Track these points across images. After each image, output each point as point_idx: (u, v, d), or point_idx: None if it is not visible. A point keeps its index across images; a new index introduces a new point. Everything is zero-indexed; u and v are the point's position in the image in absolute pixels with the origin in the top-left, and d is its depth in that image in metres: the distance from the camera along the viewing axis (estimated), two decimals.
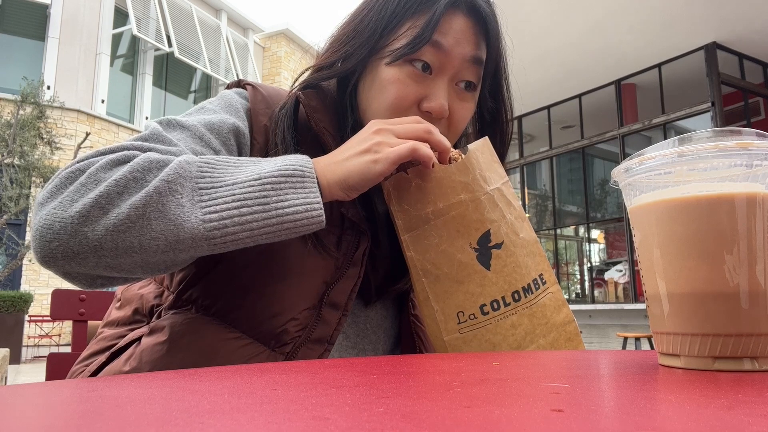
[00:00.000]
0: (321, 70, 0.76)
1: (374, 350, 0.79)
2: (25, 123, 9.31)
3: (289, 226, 0.57)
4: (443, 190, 0.64)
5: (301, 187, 0.58)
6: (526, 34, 6.81)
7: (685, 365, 0.40)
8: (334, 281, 0.70)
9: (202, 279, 0.70)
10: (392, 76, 0.71)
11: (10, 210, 8.81)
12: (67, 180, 0.56)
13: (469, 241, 0.64)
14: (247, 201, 0.55)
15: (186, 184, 0.55)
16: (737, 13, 6.30)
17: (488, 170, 0.67)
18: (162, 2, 13.34)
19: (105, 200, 0.53)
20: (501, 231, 0.65)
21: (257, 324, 0.68)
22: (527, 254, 0.67)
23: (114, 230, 0.53)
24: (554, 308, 0.68)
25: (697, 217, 0.40)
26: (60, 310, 1.03)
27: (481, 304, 0.64)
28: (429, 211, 0.65)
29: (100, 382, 0.35)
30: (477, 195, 0.65)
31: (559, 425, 0.22)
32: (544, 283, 0.68)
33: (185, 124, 0.68)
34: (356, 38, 0.73)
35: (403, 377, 0.37)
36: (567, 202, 10.12)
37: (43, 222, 0.54)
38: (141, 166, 0.56)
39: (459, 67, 0.72)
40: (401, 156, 0.60)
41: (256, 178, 0.57)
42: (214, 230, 0.54)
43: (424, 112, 0.71)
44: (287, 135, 0.72)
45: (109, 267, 0.56)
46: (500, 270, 0.65)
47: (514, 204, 0.69)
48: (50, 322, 10.01)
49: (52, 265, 0.55)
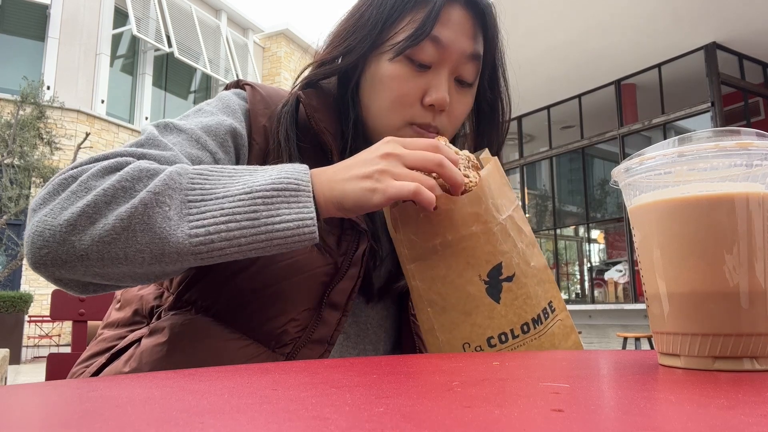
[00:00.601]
0: (323, 66, 0.76)
1: (375, 350, 0.79)
2: (25, 123, 9.31)
3: (279, 242, 0.55)
4: (453, 222, 0.61)
5: (294, 201, 0.56)
6: (526, 34, 6.80)
7: (685, 365, 0.40)
8: (334, 282, 0.70)
9: (201, 280, 0.70)
10: (393, 72, 0.71)
11: (10, 210, 8.81)
12: (59, 187, 0.56)
13: (479, 273, 0.61)
14: (235, 216, 0.54)
15: (175, 195, 0.55)
16: (737, 13, 6.30)
17: (499, 196, 0.64)
18: (162, 2, 13.34)
19: (92, 209, 0.53)
20: (513, 262, 0.62)
21: (257, 325, 0.68)
22: (537, 283, 0.65)
23: (99, 241, 0.53)
24: (563, 336, 0.66)
25: (697, 217, 0.40)
26: (60, 311, 1.03)
27: (488, 337, 0.62)
28: (437, 243, 0.61)
29: (100, 382, 0.35)
30: (489, 226, 0.61)
31: (559, 425, 0.22)
32: (553, 311, 0.66)
33: (182, 128, 0.68)
34: (357, 33, 0.74)
35: (403, 377, 0.37)
36: (567, 202, 10.12)
37: (34, 229, 0.54)
38: (131, 175, 0.55)
39: (457, 62, 0.73)
40: (401, 195, 0.56)
41: (247, 192, 0.55)
42: (200, 245, 0.53)
43: (427, 106, 0.72)
44: (290, 132, 0.72)
45: (97, 275, 0.56)
46: (510, 303, 0.62)
47: (525, 230, 0.67)
48: (50, 322, 10.00)
49: (43, 271, 0.55)
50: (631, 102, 8.21)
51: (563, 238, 10.23)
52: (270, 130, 0.74)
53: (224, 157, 0.70)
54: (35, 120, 9.49)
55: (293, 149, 0.72)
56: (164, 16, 13.29)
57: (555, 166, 9.73)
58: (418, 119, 0.73)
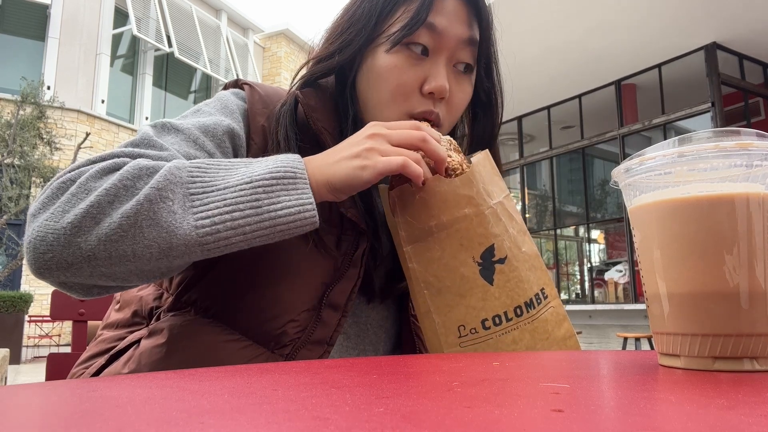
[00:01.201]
0: (320, 63, 0.77)
1: (375, 351, 0.79)
2: (25, 123, 9.31)
3: (282, 228, 0.57)
4: (447, 203, 0.63)
5: (293, 188, 0.58)
6: (527, 34, 6.81)
7: (685, 365, 0.40)
8: (334, 282, 0.70)
9: (200, 281, 0.70)
10: (390, 63, 0.72)
11: (10, 210, 8.81)
12: (58, 190, 0.56)
13: (473, 255, 0.64)
14: (239, 205, 0.55)
15: (177, 190, 0.55)
16: (737, 13, 6.30)
17: (490, 184, 0.67)
18: (162, 2, 13.34)
19: (96, 210, 0.53)
20: (504, 245, 0.65)
21: (256, 326, 0.67)
22: (529, 268, 0.67)
23: (106, 240, 0.53)
24: (555, 323, 0.68)
25: (697, 218, 0.40)
26: (60, 311, 1.03)
27: (482, 319, 0.63)
28: (433, 225, 0.64)
29: (100, 382, 0.35)
30: (481, 209, 0.64)
31: (559, 425, 0.22)
32: (545, 298, 0.68)
33: (179, 128, 0.68)
34: (352, 27, 0.75)
35: (403, 377, 0.37)
36: (567, 203, 10.13)
37: (36, 234, 0.54)
38: (131, 173, 0.56)
39: (455, 48, 0.73)
40: (389, 168, 0.59)
41: (248, 182, 0.57)
42: (207, 236, 0.54)
43: (427, 94, 0.72)
44: (290, 132, 0.72)
45: (104, 276, 0.56)
46: (503, 285, 0.64)
47: (516, 218, 0.69)
48: (50, 322, 10.00)
49: (47, 276, 0.55)
50: (631, 102, 8.22)
51: (563, 238, 10.24)
52: (268, 130, 0.74)
53: (221, 158, 0.70)
54: (35, 120, 9.49)
55: (294, 150, 0.72)
56: (164, 16, 13.29)
57: (555, 166, 9.73)
58: (418, 108, 0.73)
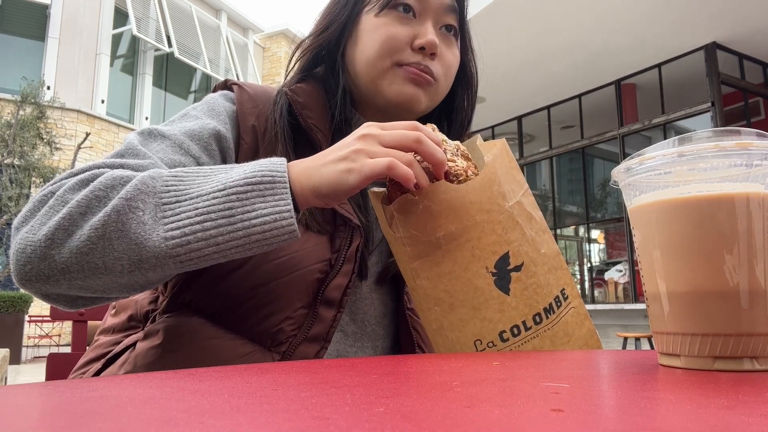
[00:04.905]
0: (315, 37, 0.80)
1: (373, 347, 0.79)
2: (25, 123, 9.31)
3: (257, 238, 0.54)
4: (456, 211, 0.57)
5: (270, 194, 0.54)
6: (527, 34, 6.81)
7: (685, 365, 0.40)
8: (329, 278, 0.70)
9: (195, 281, 0.70)
10: (380, 22, 0.75)
11: (10, 210, 8.81)
12: (39, 203, 0.57)
13: (486, 265, 0.59)
14: (210, 214, 0.53)
15: (149, 200, 0.54)
16: (737, 13, 6.30)
17: (507, 182, 0.61)
18: (162, 2, 13.33)
19: (68, 222, 0.53)
20: (521, 251, 0.60)
21: (252, 324, 0.68)
22: (549, 270, 0.62)
23: (78, 252, 0.53)
24: (576, 324, 0.64)
25: (697, 217, 0.40)
26: (60, 311, 1.03)
27: (500, 331, 0.59)
28: (440, 236, 0.58)
29: (100, 382, 0.35)
30: (495, 215, 0.59)
31: (559, 425, 0.22)
32: (566, 299, 0.63)
33: (165, 134, 0.68)
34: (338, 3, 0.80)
35: (403, 377, 0.37)
36: (567, 202, 10.12)
37: (17, 246, 0.54)
38: (104, 184, 0.55)
39: (438, 13, 0.77)
40: (376, 172, 0.54)
41: (221, 189, 0.54)
42: (177, 247, 0.52)
43: (418, 50, 0.74)
44: (285, 127, 0.73)
45: (82, 288, 0.56)
46: (520, 293, 0.59)
47: (535, 215, 0.64)
48: (50, 322, 9.99)
49: (29, 287, 0.56)
50: (631, 102, 8.21)
51: (563, 238, 10.23)
52: (259, 129, 0.75)
53: (209, 161, 0.70)
54: (35, 120, 9.49)
55: (289, 148, 0.72)
56: (164, 16, 13.28)
57: (555, 166, 9.73)
58: (409, 59, 0.75)
